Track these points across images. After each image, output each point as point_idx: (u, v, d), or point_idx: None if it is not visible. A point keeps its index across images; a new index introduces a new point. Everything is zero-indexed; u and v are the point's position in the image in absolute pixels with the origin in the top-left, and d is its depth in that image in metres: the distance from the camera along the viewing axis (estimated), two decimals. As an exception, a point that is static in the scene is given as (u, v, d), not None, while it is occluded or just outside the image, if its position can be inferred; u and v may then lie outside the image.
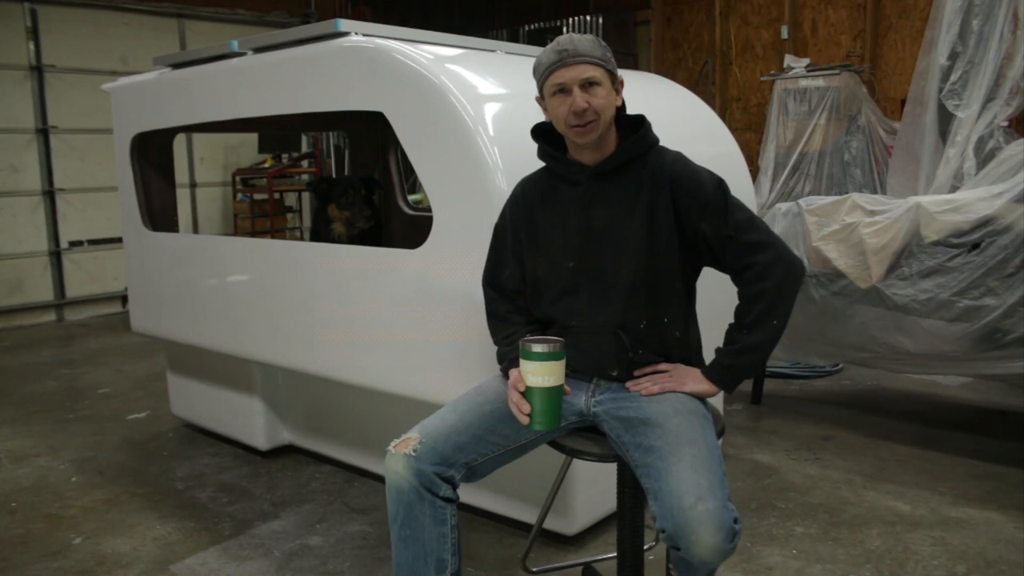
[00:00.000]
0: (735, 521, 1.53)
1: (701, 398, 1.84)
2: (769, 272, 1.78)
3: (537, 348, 1.72)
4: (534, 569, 2.35)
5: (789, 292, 1.81)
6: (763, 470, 3.17)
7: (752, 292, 1.81)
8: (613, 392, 1.87)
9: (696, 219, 1.82)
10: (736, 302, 1.85)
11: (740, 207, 1.84)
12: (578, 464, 2.04)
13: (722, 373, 1.84)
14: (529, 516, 2.63)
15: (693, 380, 1.84)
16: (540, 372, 1.72)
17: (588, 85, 1.80)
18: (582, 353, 1.90)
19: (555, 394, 1.75)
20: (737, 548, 1.57)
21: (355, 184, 3.56)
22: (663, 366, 1.88)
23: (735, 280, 1.85)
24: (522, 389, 1.76)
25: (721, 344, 1.86)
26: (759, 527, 2.69)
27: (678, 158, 1.89)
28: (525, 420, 1.76)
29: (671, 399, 1.79)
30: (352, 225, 3.54)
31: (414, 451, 1.75)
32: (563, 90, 1.81)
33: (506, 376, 1.90)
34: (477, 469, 1.82)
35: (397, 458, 1.76)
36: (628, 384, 1.87)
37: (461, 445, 1.79)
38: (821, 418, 3.74)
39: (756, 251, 1.79)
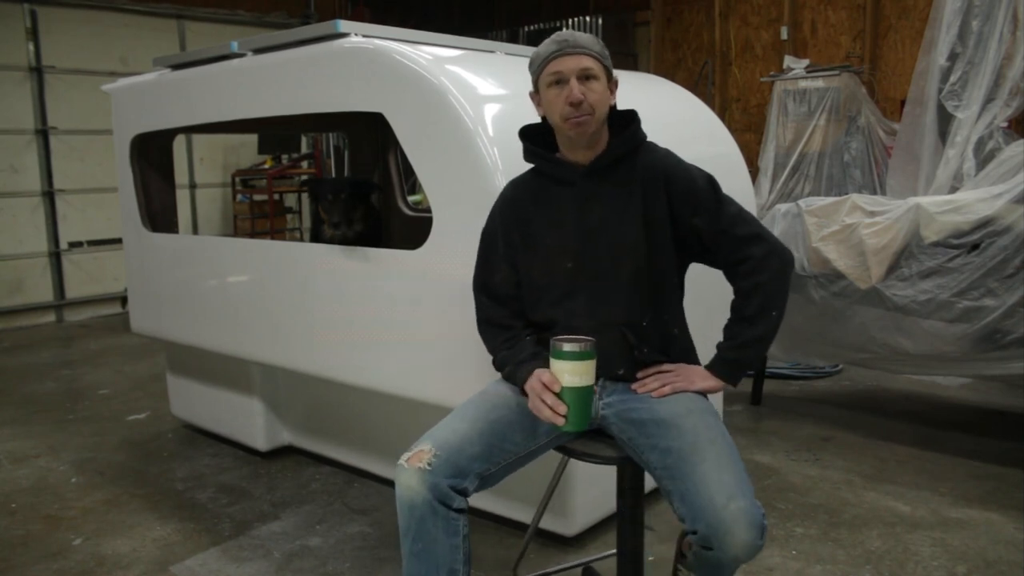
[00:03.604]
0: (763, 516, 1.54)
1: (705, 396, 1.85)
2: (765, 264, 1.81)
3: (571, 347, 1.69)
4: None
5: (784, 283, 1.84)
6: (763, 471, 3.17)
7: (749, 285, 1.82)
8: (620, 394, 1.85)
9: (689, 215, 1.84)
10: (728, 297, 1.86)
11: (730, 201, 1.86)
12: (578, 465, 2.03)
13: (727, 368, 1.85)
14: (529, 517, 2.63)
15: (701, 378, 1.84)
16: (576, 372, 1.69)
17: (585, 78, 1.79)
18: None
19: (589, 393, 1.74)
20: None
21: (342, 187, 3.45)
22: (666, 366, 1.87)
23: (729, 274, 1.87)
24: (557, 390, 1.72)
25: (721, 339, 1.87)
26: (759, 528, 2.69)
27: (668, 154, 1.91)
28: (561, 421, 1.71)
29: (681, 399, 1.79)
30: (336, 228, 3.45)
31: (429, 464, 1.68)
32: (560, 81, 1.79)
33: (509, 381, 1.88)
34: (489, 479, 1.78)
35: (411, 473, 1.68)
36: (634, 386, 1.85)
37: (475, 455, 1.73)
38: (821, 418, 3.74)
39: (750, 244, 1.82)
